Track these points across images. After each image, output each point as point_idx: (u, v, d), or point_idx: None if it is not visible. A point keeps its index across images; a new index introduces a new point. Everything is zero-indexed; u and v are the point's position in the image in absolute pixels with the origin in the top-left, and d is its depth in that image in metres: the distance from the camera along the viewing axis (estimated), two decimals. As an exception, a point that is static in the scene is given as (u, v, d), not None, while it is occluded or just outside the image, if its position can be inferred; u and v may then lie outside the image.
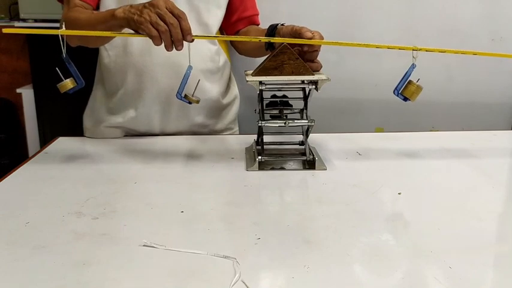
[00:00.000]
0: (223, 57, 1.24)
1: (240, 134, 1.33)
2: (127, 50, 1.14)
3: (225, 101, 1.27)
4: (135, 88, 1.16)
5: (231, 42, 1.33)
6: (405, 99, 0.93)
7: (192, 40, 0.88)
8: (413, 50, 0.90)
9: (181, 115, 1.20)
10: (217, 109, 1.26)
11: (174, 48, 0.88)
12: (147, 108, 1.17)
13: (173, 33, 0.85)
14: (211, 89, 1.21)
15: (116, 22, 0.91)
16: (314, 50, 0.97)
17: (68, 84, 0.89)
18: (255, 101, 1.01)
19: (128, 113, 1.18)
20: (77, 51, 1.06)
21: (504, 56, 1.05)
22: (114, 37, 1.10)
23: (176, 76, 1.13)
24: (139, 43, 1.13)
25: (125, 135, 1.21)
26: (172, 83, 1.14)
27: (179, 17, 0.86)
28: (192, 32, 0.88)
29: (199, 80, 0.97)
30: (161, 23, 0.85)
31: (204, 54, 1.18)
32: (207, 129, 1.26)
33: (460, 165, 1.02)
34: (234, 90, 1.33)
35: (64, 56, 0.86)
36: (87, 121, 1.24)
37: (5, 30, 0.86)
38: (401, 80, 0.93)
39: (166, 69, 1.14)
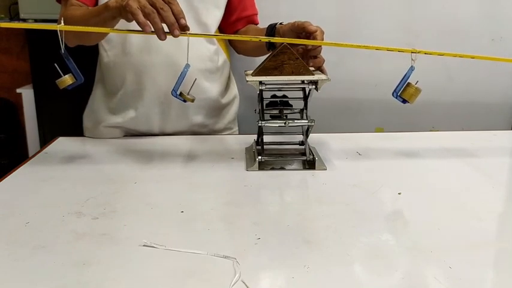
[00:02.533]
0: (222, 57, 1.24)
1: (240, 134, 1.33)
2: (126, 49, 1.13)
3: (224, 100, 1.27)
4: (134, 88, 1.16)
5: (230, 42, 1.32)
6: (404, 101, 0.94)
7: (188, 28, 0.85)
8: (412, 52, 0.90)
9: (181, 115, 1.20)
10: (217, 109, 1.26)
11: (167, 36, 0.85)
12: (147, 109, 1.17)
13: (164, 17, 0.83)
14: (210, 88, 1.21)
15: (109, 13, 0.90)
16: (318, 45, 0.98)
17: (67, 80, 0.88)
18: (255, 101, 1.01)
19: (127, 113, 1.18)
20: (77, 49, 1.06)
21: (502, 60, 1.04)
22: (111, 32, 1.10)
23: (176, 76, 1.12)
24: (138, 43, 1.12)
25: (124, 136, 1.21)
26: (171, 83, 1.13)
27: (169, 2, 0.84)
28: (190, 29, 0.87)
29: (195, 79, 0.97)
30: (149, 6, 0.83)
31: (203, 54, 1.18)
32: (206, 129, 1.26)
33: (460, 165, 1.02)
34: (234, 89, 1.33)
35: (62, 51, 0.86)
36: (87, 121, 1.24)
37: (1, 25, 0.86)
38: (400, 83, 0.93)
39: (166, 69, 1.13)
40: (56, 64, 0.86)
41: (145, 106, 1.17)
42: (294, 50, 0.93)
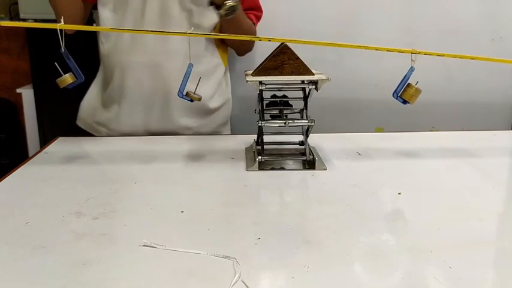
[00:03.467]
0: (214, 60, 1.23)
1: (239, 134, 1.33)
2: (118, 46, 1.16)
3: (213, 105, 1.26)
4: (119, 85, 1.19)
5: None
6: (404, 102, 0.94)
7: None
8: (411, 53, 0.90)
9: (164, 116, 1.21)
10: (203, 112, 1.25)
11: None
12: (129, 107, 1.19)
13: None
14: (197, 91, 1.21)
15: None
16: None
17: (67, 79, 0.88)
18: (254, 101, 1.01)
19: (112, 108, 1.21)
20: (77, 48, 1.06)
21: (502, 61, 1.04)
22: (109, 31, 1.12)
23: (158, 78, 1.14)
24: (128, 42, 1.14)
25: (108, 135, 1.23)
26: (154, 85, 1.15)
27: None
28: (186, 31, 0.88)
29: (200, 78, 0.97)
30: None
31: (192, 56, 1.18)
32: (191, 132, 1.25)
33: (460, 165, 1.02)
34: (226, 93, 1.31)
35: (63, 50, 0.86)
36: (82, 111, 1.27)
37: (1, 23, 0.86)
38: (400, 83, 0.93)
39: (149, 71, 1.15)
40: (56, 63, 0.86)
41: (128, 104, 1.19)
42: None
